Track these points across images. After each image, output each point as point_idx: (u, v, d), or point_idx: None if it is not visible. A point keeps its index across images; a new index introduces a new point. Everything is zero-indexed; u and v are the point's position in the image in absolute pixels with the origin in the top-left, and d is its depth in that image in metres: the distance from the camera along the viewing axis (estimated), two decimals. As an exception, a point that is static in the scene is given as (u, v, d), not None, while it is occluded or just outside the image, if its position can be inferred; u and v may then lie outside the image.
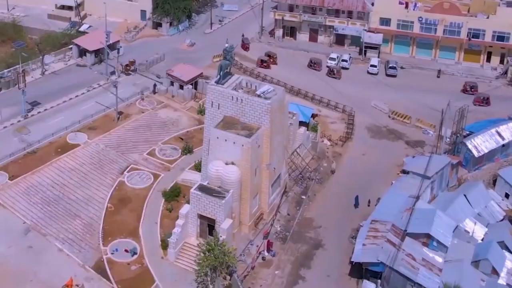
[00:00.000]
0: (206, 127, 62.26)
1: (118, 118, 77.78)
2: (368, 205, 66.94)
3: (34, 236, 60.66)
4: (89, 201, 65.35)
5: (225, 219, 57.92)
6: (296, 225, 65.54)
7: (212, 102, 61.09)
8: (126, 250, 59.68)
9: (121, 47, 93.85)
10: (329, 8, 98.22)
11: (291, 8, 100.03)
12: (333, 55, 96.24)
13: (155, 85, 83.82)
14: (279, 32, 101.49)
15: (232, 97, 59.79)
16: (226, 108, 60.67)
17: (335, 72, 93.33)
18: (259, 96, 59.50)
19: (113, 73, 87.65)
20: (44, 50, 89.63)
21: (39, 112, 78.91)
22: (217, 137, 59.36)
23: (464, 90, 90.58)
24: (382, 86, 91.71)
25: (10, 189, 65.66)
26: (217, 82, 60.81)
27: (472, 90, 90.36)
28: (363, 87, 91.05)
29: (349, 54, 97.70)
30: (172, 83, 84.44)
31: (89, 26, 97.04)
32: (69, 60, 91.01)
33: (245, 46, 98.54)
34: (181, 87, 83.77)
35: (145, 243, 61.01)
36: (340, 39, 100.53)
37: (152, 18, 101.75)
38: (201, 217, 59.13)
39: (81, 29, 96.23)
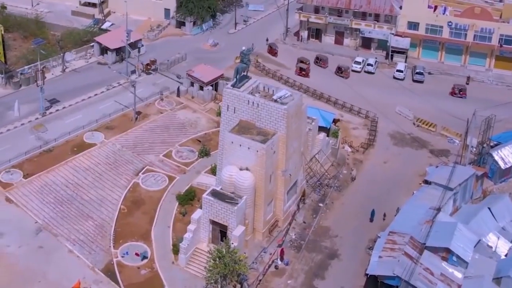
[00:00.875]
0: (221, 131, 61.59)
1: (136, 118, 77.66)
2: (384, 219, 65.48)
3: (45, 236, 60.74)
4: (102, 202, 65.28)
5: (238, 226, 57.23)
6: (311, 234, 64.53)
7: (228, 105, 60.41)
8: (136, 254, 59.36)
9: (142, 45, 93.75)
10: (356, 10, 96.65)
11: (316, 10, 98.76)
12: (359, 59, 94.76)
13: (178, 88, 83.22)
14: (304, 34, 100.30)
15: (248, 101, 59.02)
16: (242, 112, 59.94)
17: (342, 70, 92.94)
18: (275, 101, 58.64)
19: (133, 72, 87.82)
20: (65, 47, 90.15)
21: (57, 110, 79.23)
22: (232, 142, 58.67)
23: (453, 93, 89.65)
24: (408, 92, 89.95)
25: (24, 188, 65.92)
26: (233, 86, 60.13)
27: (461, 93, 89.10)
28: (388, 92, 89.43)
29: (375, 58, 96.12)
30: (192, 84, 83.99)
31: (112, 24, 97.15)
32: (90, 57, 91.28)
33: (273, 51, 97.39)
34: (201, 88, 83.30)
35: (156, 247, 60.63)
36: (366, 43, 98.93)
37: (176, 17, 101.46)
38: (213, 223, 58.55)
39: (103, 26, 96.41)
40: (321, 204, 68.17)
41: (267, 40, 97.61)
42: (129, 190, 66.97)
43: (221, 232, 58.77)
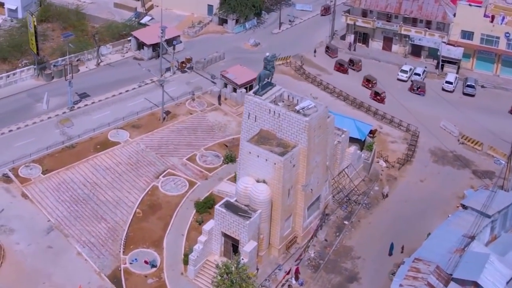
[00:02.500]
0: (242, 139, 59.87)
1: (164, 118, 76.96)
2: (402, 252, 61.87)
3: (55, 236, 60.63)
4: (118, 204, 64.73)
5: (249, 241, 55.49)
6: (332, 253, 62.05)
7: (249, 113, 58.66)
8: (145, 262, 58.44)
9: (181, 42, 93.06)
10: (406, 16, 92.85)
11: (364, 13, 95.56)
12: (405, 68, 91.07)
13: (219, 97, 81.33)
14: (350, 38, 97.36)
15: (270, 110, 57.10)
16: (263, 121, 58.06)
17: (354, 63, 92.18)
18: (297, 112, 56.51)
19: (168, 69, 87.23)
20: (103, 41, 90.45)
21: (86, 105, 79.37)
22: (249, 152, 56.91)
23: (411, 89, 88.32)
24: (456, 105, 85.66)
25: (41, 184, 66.13)
26: (255, 93, 58.32)
27: (419, 90, 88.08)
28: (435, 105, 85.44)
29: (425, 67, 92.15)
30: (225, 85, 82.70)
31: (151, 19, 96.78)
32: (127, 52, 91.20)
33: (333, 53, 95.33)
34: (235, 90, 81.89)
35: (167, 255, 59.53)
36: (416, 50, 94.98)
37: (218, 13, 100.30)
38: (225, 235, 57.06)
39: (142, 21, 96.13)
40: (346, 222, 65.60)
41: (315, 51, 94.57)
42: (147, 193, 66.25)
43: (233, 245, 57.24)
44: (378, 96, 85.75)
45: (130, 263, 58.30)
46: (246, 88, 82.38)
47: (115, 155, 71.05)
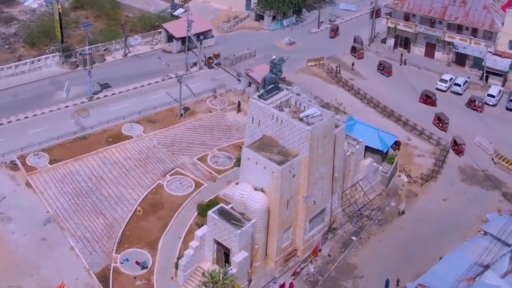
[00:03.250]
0: (245, 143, 58.15)
1: (181, 115, 76.05)
2: (397, 286, 58.29)
3: (51, 228, 60.54)
4: (120, 200, 64.11)
5: (240, 251, 53.76)
6: (333, 270, 59.47)
7: (253, 117, 56.74)
8: (136, 262, 57.53)
9: (212, 37, 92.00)
10: (450, 22, 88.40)
11: (406, 17, 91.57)
12: (445, 77, 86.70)
13: (239, 104, 78.30)
14: (390, 42, 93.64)
15: (273, 115, 55.02)
16: (266, 126, 56.07)
17: (356, 50, 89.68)
18: (301, 119, 54.21)
19: (195, 64, 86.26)
20: (132, 31, 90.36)
21: (105, 96, 79.44)
22: (248, 158, 55.10)
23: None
24: (496, 121, 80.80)
25: (46, 174, 66.32)
26: (259, 96, 56.37)
27: (384, 70, 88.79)
28: (472, 118, 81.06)
29: (468, 77, 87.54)
30: (249, 84, 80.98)
31: (184, 11, 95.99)
32: (156, 44, 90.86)
33: (359, 55, 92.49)
34: (258, 89, 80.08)
35: (160, 258, 58.44)
36: (460, 59, 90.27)
37: (255, 9, 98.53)
38: (217, 243, 55.53)
39: (175, 13, 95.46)
40: (354, 238, 62.87)
41: (353, 64, 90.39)
42: (151, 191, 65.43)
43: (225, 254, 55.67)
44: (441, 123, 79.86)
45: (121, 263, 57.48)
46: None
47: (125, 149, 70.62)
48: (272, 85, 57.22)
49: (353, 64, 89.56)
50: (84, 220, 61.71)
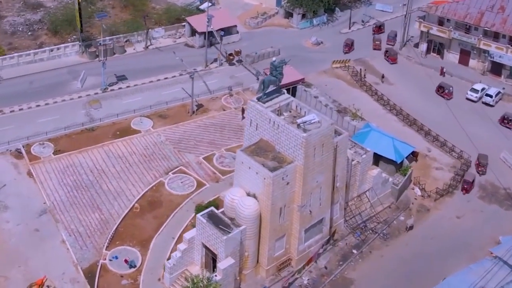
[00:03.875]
0: (243, 146, 56.76)
1: (193, 112, 75.21)
2: None
3: (46, 220, 60.63)
4: (118, 196, 63.72)
5: (227, 258, 52.51)
6: (328, 283, 57.62)
7: (251, 120, 55.36)
8: (125, 261, 57.16)
9: (237, 32, 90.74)
10: (487, 29, 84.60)
11: (440, 22, 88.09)
12: (477, 86, 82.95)
13: (243, 110, 73.95)
14: (423, 47, 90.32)
15: (270, 119, 53.47)
16: (264, 130, 54.55)
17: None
18: (298, 125, 52.44)
19: (215, 60, 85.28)
20: (157, 24, 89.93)
21: (120, 88, 79.27)
22: (242, 162, 53.75)
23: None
24: (525, 136, 77.47)
25: (49, 164, 66.51)
26: (258, 99, 54.86)
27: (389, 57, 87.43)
28: (500, 133, 77.39)
29: (502, 88, 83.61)
30: (267, 84, 79.51)
31: (211, 5, 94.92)
32: (179, 37, 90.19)
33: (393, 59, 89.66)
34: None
35: (150, 258, 57.74)
36: (496, 68, 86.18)
37: (285, 6, 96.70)
38: (206, 247, 54.46)
39: (202, 6, 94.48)
40: (354, 251, 60.75)
41: (383, 77, 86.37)
42: (151, 189, 64.82)
43: (213, 259, 54.56)
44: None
45: (110, 260, 57.04)
46: (288, 90, 78.86)
47: (132, 143, 70.25)
48: (274, 88, 55.68)
49: (383, 76, 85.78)
50: (79, 214, 61.60)
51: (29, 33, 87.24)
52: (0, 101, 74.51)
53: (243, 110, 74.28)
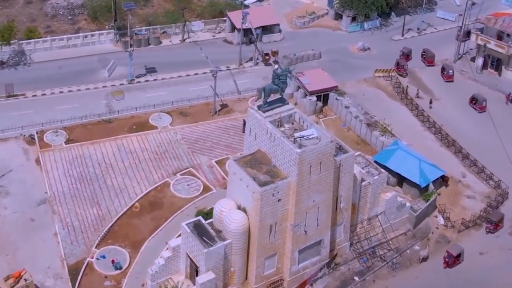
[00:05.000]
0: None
1: (216, 112, 73.55)
2: None
3: (43, 210, 60.78)
4: (121, 193, 63.07)
5: (207, 272, 50.57)
6: (321, 310, 55.10)
7: (250, 129, 53.08)
8: (113, 261, 56.46)
9: (279, 31, 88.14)
10: (549, 47, 78.58)
11: (499, 36, 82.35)
12: (533, 111, 77.18)
13: (244, 123, 66.06)
14: (479, 61, 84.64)
15: (267, 130, 51.01)
16: (261, 141, 52.12)
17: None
18: (294, 139, 49.69)
19: (251, 59, 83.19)
20: (198, 16, 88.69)
21: (146, 81, 78.70)
22: (234, 173, 51.61)
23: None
24: None
25: (58, 153, 66.70)
26: (259, 107, 52.41)
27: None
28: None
29: None
30: (298, 88, 76.64)
31: (256, 1, 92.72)
32: (219, 32, 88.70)
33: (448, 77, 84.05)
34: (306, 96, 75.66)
35: (139, 261, 56.69)
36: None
37: (335, 7, 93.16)
38: (190, 257, 52.79)
39: (246, 2, 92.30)
40: (357, 278, 57.42)
41: (431, 102, 79.13)
42: (155, 188, 63.82)
43: (196, 270, 52.83)
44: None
45: (97, 259, 56.46)
46: (319, 97, 75.89)
47: (146, 139, 69.45)
48: (278, 97, 53.15)
49: (431, 102, 79.98)
50: (77, 207, 61.33)
51: (69, 17, 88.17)
52: (25, 85, 75.60)
53: (244, 122, 68.39)
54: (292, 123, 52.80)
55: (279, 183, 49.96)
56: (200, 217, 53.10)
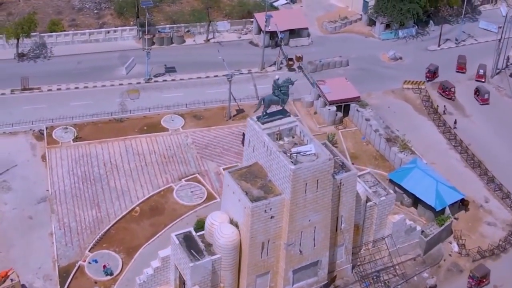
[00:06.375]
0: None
1: (231, 117, 72.30)
2: None
3: (42, 208, 60.79)
4: (122, 195, 62.59)
5: (194, 286, 49.48)
6: (314, 334, 53.27)
7: (249, 140, 51.69)
8: (104, 266, 55.99)
9: (308, 36, 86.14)
10: None
11: (541, 51, 78.78)
12: None
13: (243, 136, 63.64)
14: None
15: (264, 143, 49.50)
16: (259, 154, 50.65)
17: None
18: (290, 155, 48.00)
19: (274, 63, 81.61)
20: (226, 16, 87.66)
21: (164, 80, 78.06)
22: (228, 185, 50.31)
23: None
24: None
25: (65, 150, 66.68)
26: (258, 118, 50.88)
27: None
28: None
29: None
30: (318, 97, 74.70)
31: (286, 3, 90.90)
32: (246, 34, 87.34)
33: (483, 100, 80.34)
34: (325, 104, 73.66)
35: (131, 268, 55.99)
36: None
37: (368, 13, 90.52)
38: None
39: (276, 3, 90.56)
40: (356, 302, 55.70)
41: (455, 123, 75.26)
42: (158, 193, 63.11)
43: (184, 283, 51.79)
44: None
45: (89, 263, 56.10)
46: (339, 107, 73.77)
47: (155, 142, 68.82)
48: (280, 109, 51.54)
49: (455, 122, 76.06)
50: (77, 208, 61.13)
51: (95, 12, 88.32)
52: (42, 78, 76.10)
53: (244, 135, 65.17)
54: (293, 137, 51.16)
55: (272, 199, 48.44)
56: (191, 229, 52.06)
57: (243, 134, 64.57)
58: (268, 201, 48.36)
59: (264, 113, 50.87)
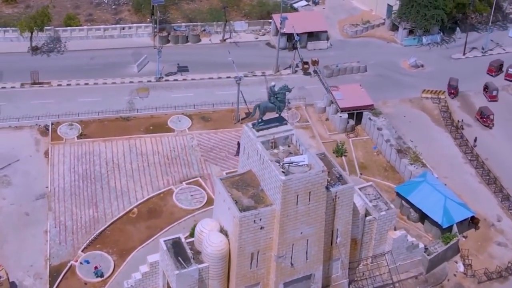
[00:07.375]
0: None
1: (239, 120, 71.43)
2: None
3: (40, 205, 60.86)
4: (121, 195, 62.27)
5: (179, 295, 48.95)
6: None
7: (244, 147, 50.75)
8: (95, 267, 55.72)
9: (327, 39, 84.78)
10: None
11: None
12: None
13: (239, 145, 62.94)
14: (542, 91, 78.56)
15: (257, 151, 48.50)
16: (253, 161, 49.61)
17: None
18: (282, 165, 46.87)
19: (289, 67, 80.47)
20: (245, 16, 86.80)
21: (175, 80, 77.64)
22: (219, 192, 49.47)
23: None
24: None
25: (69, 147, 66.69)
26: (253, 125, 49.87)
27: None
28: None
29: None
30: (331, 103, 73.31)
31: (306, 4, 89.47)
32: (263, 35, 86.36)
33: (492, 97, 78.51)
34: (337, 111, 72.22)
35: (124, 270, 55.45)
36: None
37: (392, 17, 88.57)
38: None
39: (296, 4, 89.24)
40: (351, 319, 54.31)
41: (475, 141, 72.05)
42: (157, 195, 62.59)
43: (173, 290, 51.27)
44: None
45: (81, 263, 55.83)
46: (351, 115, 72.26)
47: (159, 142, 68.37)
48: (276, 116, 50.44)
49: (475, 140, 73.00)
50: (74, 206, 60.99)
51: (113, 7, 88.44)
52: (53, 73, 76.51)
53: (238, 145, 63.90)
54: (289, 146, 50.00)
55: (262, 210, 47.35)
56: (180, 235, 51.30)
57: (238, 144, 63.51)
58: (257, 211, 47.31)
59: (260, 120, 49.92)
